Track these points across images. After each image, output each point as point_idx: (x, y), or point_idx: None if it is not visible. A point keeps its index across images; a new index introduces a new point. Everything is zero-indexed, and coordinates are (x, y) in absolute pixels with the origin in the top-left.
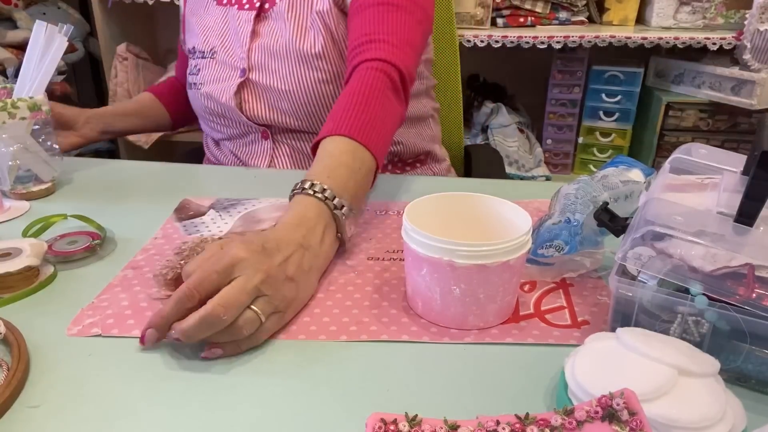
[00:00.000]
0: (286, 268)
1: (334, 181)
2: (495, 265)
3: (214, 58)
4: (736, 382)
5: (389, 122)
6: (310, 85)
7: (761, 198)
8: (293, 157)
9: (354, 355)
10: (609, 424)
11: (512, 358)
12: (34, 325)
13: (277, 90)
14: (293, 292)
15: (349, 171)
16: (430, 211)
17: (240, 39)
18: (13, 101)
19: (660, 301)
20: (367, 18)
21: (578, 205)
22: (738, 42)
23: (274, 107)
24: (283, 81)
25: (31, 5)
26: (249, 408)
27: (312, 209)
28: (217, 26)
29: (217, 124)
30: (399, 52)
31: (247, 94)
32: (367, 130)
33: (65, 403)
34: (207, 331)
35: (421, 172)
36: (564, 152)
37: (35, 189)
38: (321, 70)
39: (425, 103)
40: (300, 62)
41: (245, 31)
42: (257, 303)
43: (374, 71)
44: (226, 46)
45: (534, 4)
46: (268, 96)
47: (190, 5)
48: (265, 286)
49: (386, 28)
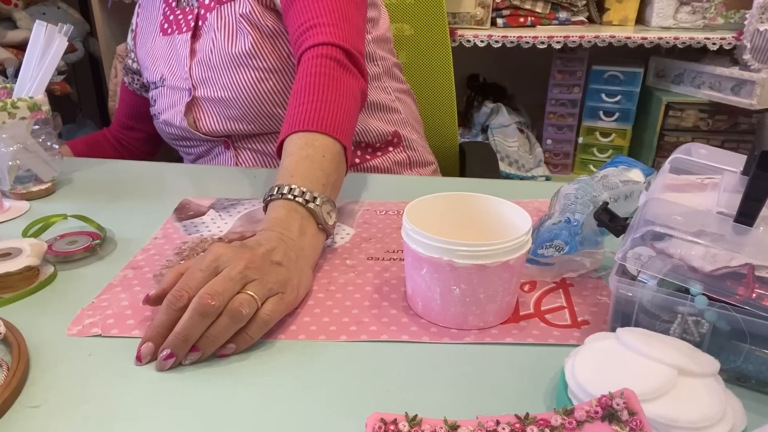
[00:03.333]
0: (271, 255)
1: (298, 177)
2: (495, 265)
3: (164, 86)
4: (736, 382)
5: (345, 102)
6: (250, 85)
7: (761, 198)
8: (258, 160)
9: (354, 355)
10: (609, 424)
11: (512, 358)
12: (34, 325)
13: (222, 99)
14: (284, 274)
15: (311, 162)
16: (430, 211)
17: (181, 61)
18: (13, 101)
19: (660, 301)
20: (300, 7)
21: (578, 205)
22: (738, 42)
23: (224, 117)
24: (224, 89)
25: (31, 5)
26: (249, 408)
27: (282, 210)
28: (163, 55)
29: (184, 147)
30: (337, 31)
31: (198, 112)
32: (321, 117)
33: (65, 403)
34: (201, 322)
35: (394, 158)
36: (564, 152)
37: (35, 189)
38: (256, 68)
39: (387, 86)
40: (235, 66)
41: (184, 53)
42: (249, 287)
43: (316, 58)
44: (172, 71)
45: (534, 4)
46: (216, 108)
47: (138, 40)
48: (251, 272)
49: (319, 11)
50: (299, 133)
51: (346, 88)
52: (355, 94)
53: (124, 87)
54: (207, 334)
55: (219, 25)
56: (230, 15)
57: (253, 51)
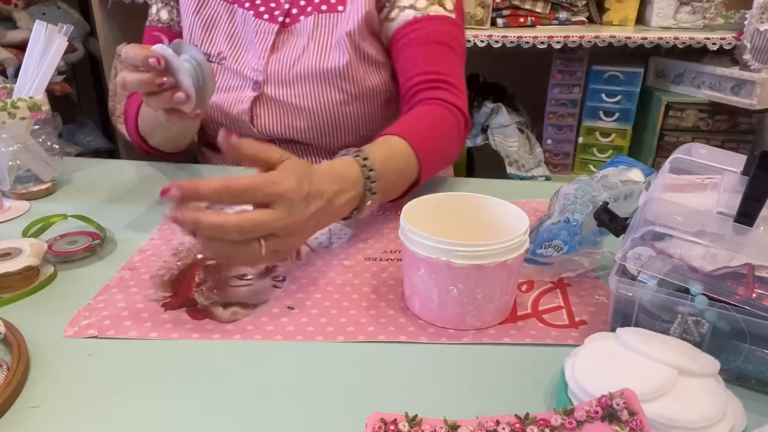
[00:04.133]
0: (307, 223)
1: (382, 169)
2: (492, 266)
3: (221, 65)
4: (736, 382)
5: (443, 158)
6: (331, 105)
7: (761, 198)
8: None
9: (353, 356)
10: (609, 424)
11: (511, 358)
12: (34, 325)
13: (294, 107)
14: (298, 241)
15: (396, 170)
16: (428, 212)
17: (257, 50)
18: (13, 101)
19: (660, 301)
20: (428, 55)
21: (578, 204)
22: (738, 42)
23: (287, 123)
24: (302, 98)
25: (31, 5)
26: (249, 408)
27: (354, 173)
28: (223, 26)
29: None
30: (463, 101)
31: (260, 108)
32: (427, 152)
33: (65, 403)
34: (214, 234)
35: None
36: (564, 152)
37: (35, 189)
38: (344, 91)
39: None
40: (321, 81)
41: (265, 43)
42: (268, 239)
43: (449, 111)
44: (237, 52)
45: (534, 4)
46: (282, 111)
47: None
48: (283, 232)
49: (450, 70)
50: (408, 144)
51: (453, 150)
52: (453, 158)
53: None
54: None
55: (314, 34)
56: (330, 27)
57: (346, 72)
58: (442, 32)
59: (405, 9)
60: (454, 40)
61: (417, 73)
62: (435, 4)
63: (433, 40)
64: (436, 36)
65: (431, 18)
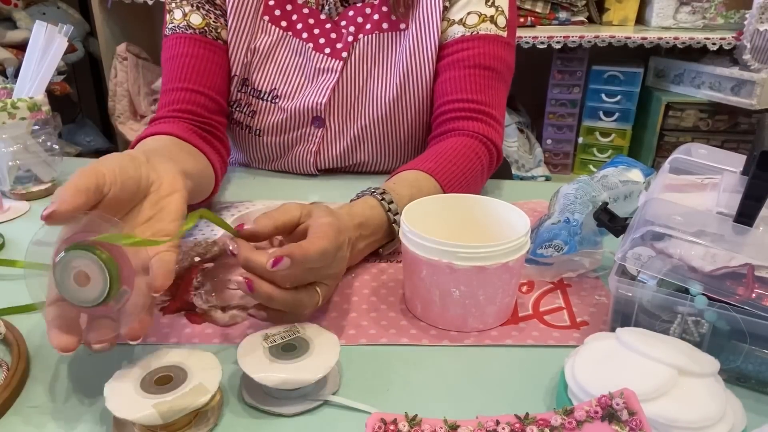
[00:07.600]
0: (340, 269)
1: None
2: (494, 267)
3: (275, 104)
4: (736, 382)
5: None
6: (390, 130)
7: (761, 198)
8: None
9: (353, 357)
10: (609, 424)
11: (512, 358)
12: (34, 326)
13: (355, 138)
14: (335, 283)
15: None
16: (428, 213)
17: (320, 87)
18: (13, 101)
19: (660, 301)
20: (471, 80)
21: (577, 205)
22: (738, 42)
23: (346, 156)
24: (363, 129)
25: (31, 5)
26: (249, 410)
27: (377, 216)
28: (278, 58)
29: (271, 166)
30: (500, 134)
31: (322, 145)
32: (455, 190)
33: (65, 403)
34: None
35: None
36: (564, 152)
37: (35, 189)
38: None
39: None
40: (381, 107)
41: (328, 81)
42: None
43: (484, 146)
44: (291, 89)
45: (534, 4)
46: (342, 145)
47: (233, 14)
48: (320, 287)
49: (491, 101)
50: (436, 183)
51: (479, 187)
52: (477, 192)
53: (186, 41)
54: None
55: (373, 63)
56: (386, 52)
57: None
58: (490, 55)
59: (454, 24)
60: (502, 64)
61: (456, 99)
62: (486, 21)
63: (479, 64)
64: (482, 60)
65: (481, 38)
